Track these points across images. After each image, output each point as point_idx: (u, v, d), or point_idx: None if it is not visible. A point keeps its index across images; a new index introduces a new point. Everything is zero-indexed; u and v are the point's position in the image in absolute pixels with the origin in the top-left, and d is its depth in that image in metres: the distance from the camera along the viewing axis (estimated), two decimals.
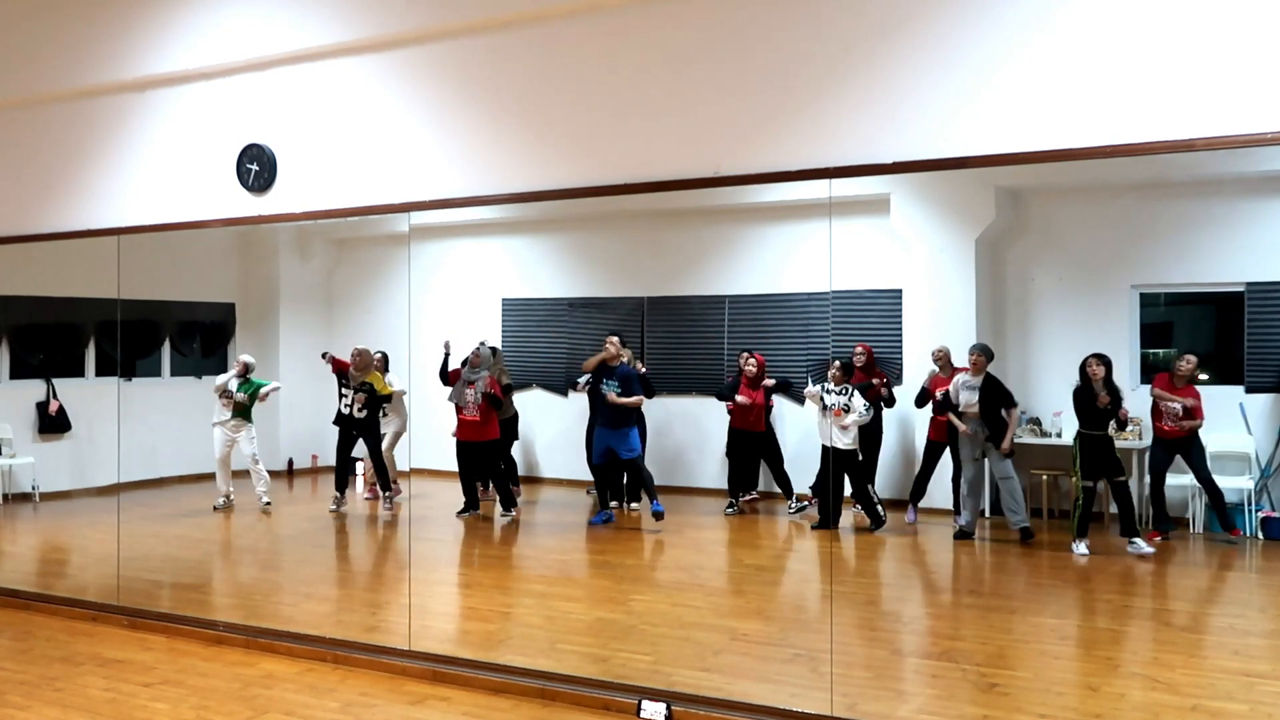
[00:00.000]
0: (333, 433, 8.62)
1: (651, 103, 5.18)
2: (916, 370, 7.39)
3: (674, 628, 6.24)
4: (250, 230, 7.57)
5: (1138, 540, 6.55)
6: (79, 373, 8.94)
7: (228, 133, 6.44)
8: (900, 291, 7.52)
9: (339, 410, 8.44)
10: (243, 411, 8.50)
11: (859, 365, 7.51)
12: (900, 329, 7.53)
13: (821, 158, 4.78)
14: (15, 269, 7.90)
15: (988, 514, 7.13)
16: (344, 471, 8.59)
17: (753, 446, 7.84)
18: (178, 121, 6.67)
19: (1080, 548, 6.63)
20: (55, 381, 8.93)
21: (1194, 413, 6.62)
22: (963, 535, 7.04)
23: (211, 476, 8.58)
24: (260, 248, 8.98)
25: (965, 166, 4.56)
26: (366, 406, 8.37)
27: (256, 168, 6.33)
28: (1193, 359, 6.71)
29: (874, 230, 7.43)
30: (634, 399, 7.87)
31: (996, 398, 6.91)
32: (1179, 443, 6.64)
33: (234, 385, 8.46)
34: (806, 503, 7.69)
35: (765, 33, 4.89)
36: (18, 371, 8.89)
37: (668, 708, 4.93)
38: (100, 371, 8.84)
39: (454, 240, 8.84)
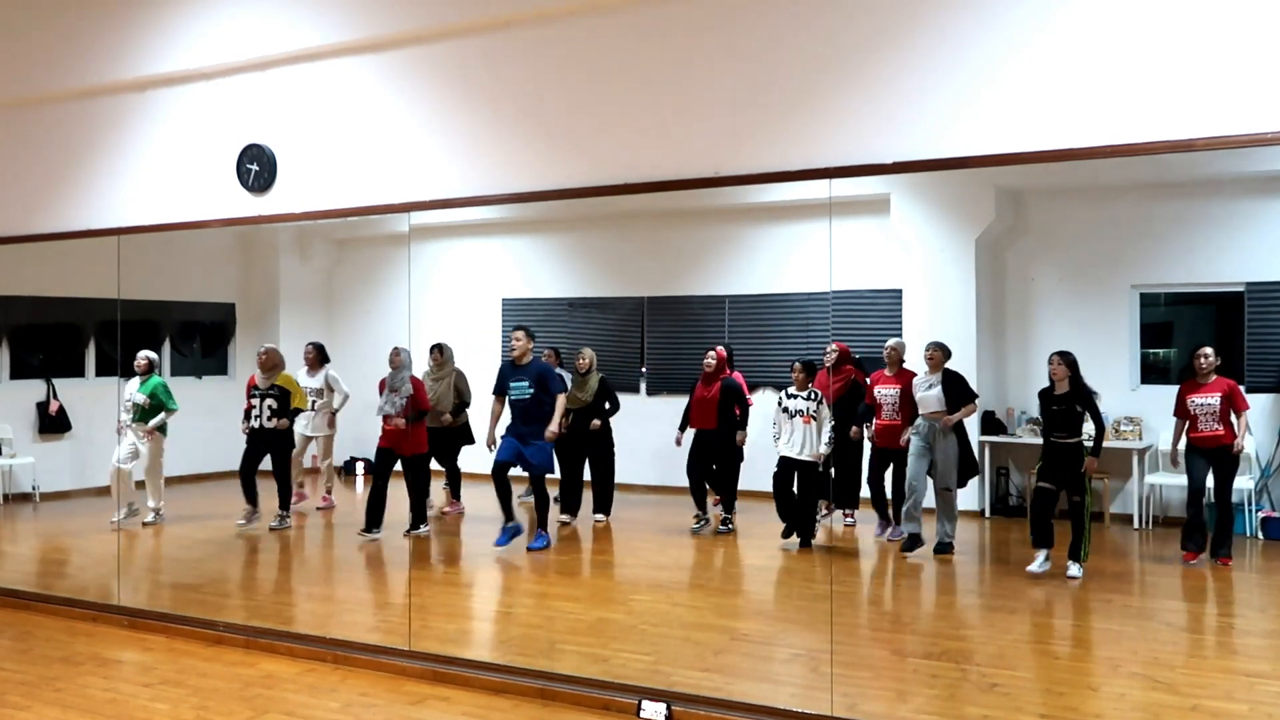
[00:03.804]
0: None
1: (652, 103, 5.18)
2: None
3: (674, 628, 6.24)
4: (250, 230, 7.57)
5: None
6: (79, 373, 8.93)
7: (228, 133, 6.44)
8: (900, 291, 7.52)
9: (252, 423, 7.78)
10: (143, 415, 8.11)
11: (829, 365, 7.35)
12: (900, 329, 7.53)
13: (821, 158, 4.78)
14: (15, 269, 7.90)
15: (988, 514, 7.13)
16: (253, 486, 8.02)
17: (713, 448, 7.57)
18: (178, 121, 6.67)
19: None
20: (55, 381, 8.92)
21: (1236, 403, 6.34)
22: (914, 545, 6.74)
23: (211, 477, 8.58)
24: (260, 248, 8.98)
25: (965, 166, 4.56)
26: (277, 414, 7.80)
27: (256, 168, 6.33)
28: (1208, 351, 6.42)
29: (874, 230, 7.43)
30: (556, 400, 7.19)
31: (960, 396, 6.70)
32: (1216, 451, 6.37)
33: (134, 385, 7.91)
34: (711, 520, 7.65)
35: (765, 33, 4.89)
36: (18, 371, 8.88)
37: (668, 708, 4.93)
38: (100, 371, 8.84)
39: (454, 240, 8.84)
